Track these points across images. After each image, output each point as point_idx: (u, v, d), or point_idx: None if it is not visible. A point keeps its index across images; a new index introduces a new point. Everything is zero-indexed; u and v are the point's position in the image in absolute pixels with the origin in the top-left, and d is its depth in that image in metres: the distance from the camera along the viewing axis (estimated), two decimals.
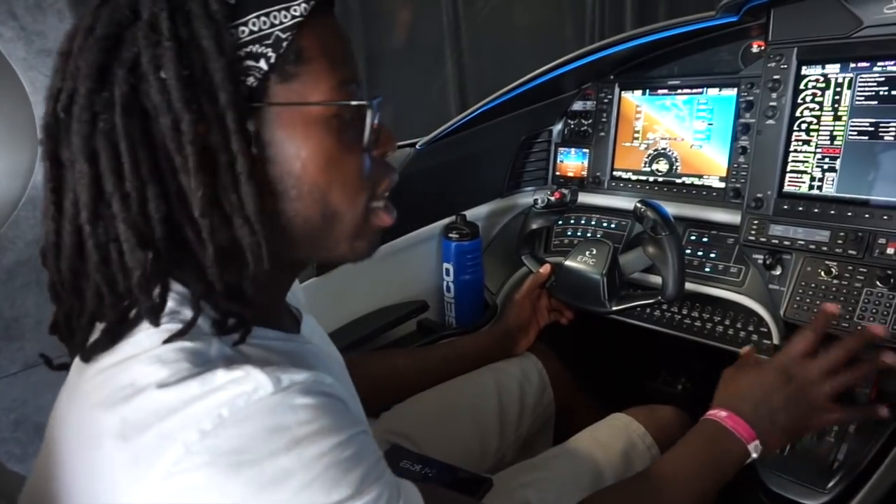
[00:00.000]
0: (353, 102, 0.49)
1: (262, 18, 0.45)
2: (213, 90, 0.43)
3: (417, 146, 1.17)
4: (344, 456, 0.42)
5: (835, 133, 0.90)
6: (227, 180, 0.44)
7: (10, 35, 1.00)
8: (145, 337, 0.43)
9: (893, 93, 0.85)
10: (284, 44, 0.45)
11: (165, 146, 0.43)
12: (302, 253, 0.53)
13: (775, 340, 0.95)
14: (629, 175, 1.19)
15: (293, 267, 0.57)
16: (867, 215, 0.86)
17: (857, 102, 0.88)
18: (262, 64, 0.45)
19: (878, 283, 0.84)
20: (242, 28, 0.44)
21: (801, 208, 0.92)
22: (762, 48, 1.01)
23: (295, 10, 0.46)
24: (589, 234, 1.20)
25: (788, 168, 0.94)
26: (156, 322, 0.43)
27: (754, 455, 0.71)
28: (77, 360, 0.46)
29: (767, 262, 0.94)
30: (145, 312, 0.43)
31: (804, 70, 0.92)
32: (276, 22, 0.45)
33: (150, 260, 0.44)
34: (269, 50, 0.45)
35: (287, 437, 0.40)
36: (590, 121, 1.25)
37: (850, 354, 0.74)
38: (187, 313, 0.44)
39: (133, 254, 0.43)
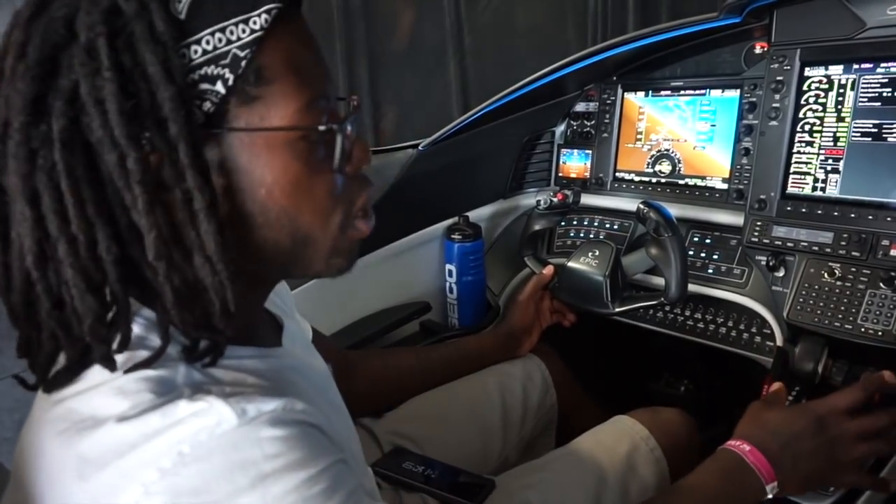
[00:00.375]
0: (321, 127, 0.45)
1: (218, 35, 0.40)
2: (163, 121, 0.39)
3: (420, 147, 1.17)
4: (313, 492, 0.39)
5: (838, 134, 0.90)
6: (185, 217, 0.40)
7: None
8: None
9: None
10: (243, 63, 0.41)
11: (113, 182, 0.39)
12: (276, 274, 0.51)
13: (778, 342, 0.95)
14: (632, 176, 1.19)
15: (268, 283, 0.54)
16: (871, 217, 0.86)
17: (860, 104, 0.88)
18: (219, 87, 0.41)
19: (881, 284, 0.84)
20: (195, 48, 0.40)
21: (804, 210, 0.92)
22: (765, 49, 1.00)
23: (254, 23, 0.41)
24: (592, 236, 1.20)
25: (791, 169, 0.94)
26: (111, 367, 0.40)
27: (769, 496, 0.67)
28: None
29: (770, 263, 0.94)
30: (99, 359, 0.40)
31: (807, 71, 0.92)
32: (234, 38, 0.41)
33: (108, 300, 0.40)
34: (227, 71, 0.40)
35: (252, 474, 0.38)
36: (592, 122, 1.25)
37: (894, 423, 0.70)
38: (154, 339, 0.42)
39: (83, 300, 0.39)
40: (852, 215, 0.88)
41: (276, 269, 0.49)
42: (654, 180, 1.16)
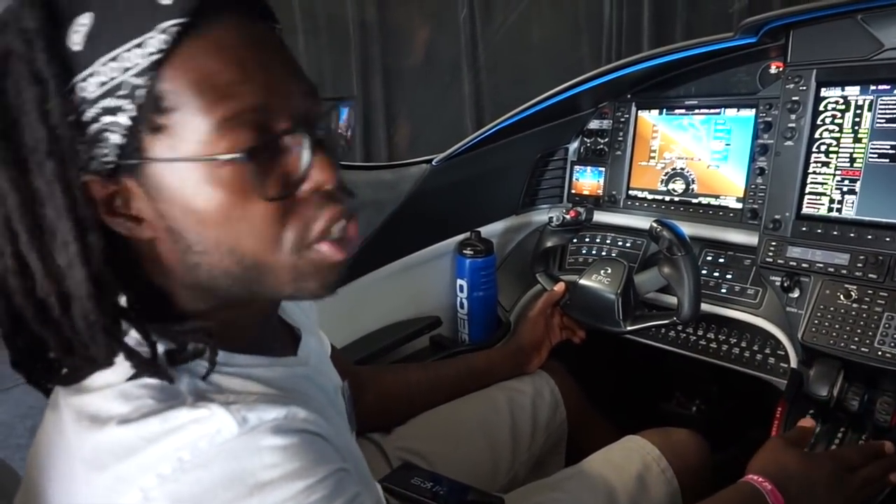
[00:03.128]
0: (224, 157, 0.39)
1: (112, 64, 0.37)
2: (42, 164, 0.37)
3: (433, 162, 1.18)
4: (311, 500, 0.39)
5: (855, 155, 0.89)
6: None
7: None
8: (111, 372, 0.41)
9: None
10: (142, 92, 0.37)
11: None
12: (250, 296, 0.47)
13: (793, 364, 0.94)
14: (645, 194, 1.19)
15: (255, 303, 0.49)
16: (888, 239, 0.85)
17: (877, 125, 0.87)
18: (122, 119, 0.38)
19: None
20: (91, 80, 0.37)
21: (819, 230, 0.91)
22: (781, 69, 1.00)
23: (151, 46, 0.37)
24: (604, 253, 1.20)
25: (807, 190, 0.93)
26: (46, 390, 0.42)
27: None
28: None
29: (785, 284, 0.93)
30: (33, 383, 0.42)
31: (823, 92, 0.92)
32: (129, 65, 0.37)
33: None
34: (126, 102, 0.37)
35: (250, 483, 0.38)
36: (606, 139, 1.25)
37: (885, 473, 0.76)
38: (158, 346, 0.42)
39: (40, 328, 0.40)
40: (869, 237, 0.87)
41: (245, 292, 0.45)
42: (667, 198, 1.16)
